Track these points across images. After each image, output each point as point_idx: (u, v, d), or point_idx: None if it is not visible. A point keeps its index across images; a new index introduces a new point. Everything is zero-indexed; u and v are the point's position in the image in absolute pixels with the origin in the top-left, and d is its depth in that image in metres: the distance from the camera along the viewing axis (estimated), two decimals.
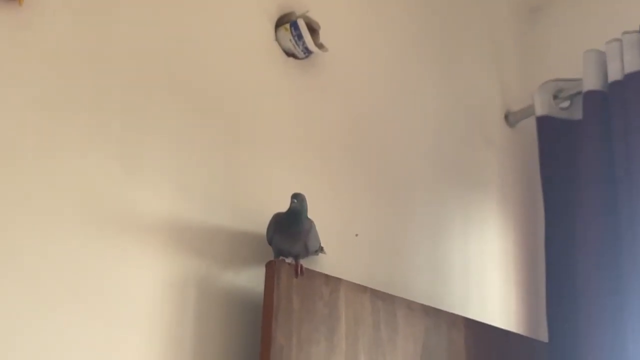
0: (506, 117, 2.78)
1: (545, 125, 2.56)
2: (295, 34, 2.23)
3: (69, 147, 1.87)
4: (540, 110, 2.57)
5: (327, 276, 2.05)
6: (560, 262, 2.44)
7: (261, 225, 2.04)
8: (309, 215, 2.03)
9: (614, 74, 2.39)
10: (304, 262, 2.02)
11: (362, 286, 2.12)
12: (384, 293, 2.16)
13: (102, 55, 1.98)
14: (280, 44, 2.25)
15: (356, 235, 2.29)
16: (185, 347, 1.92)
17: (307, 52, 2.26)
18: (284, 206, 2.00)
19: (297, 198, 1.99)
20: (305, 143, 2.31)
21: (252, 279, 2.04)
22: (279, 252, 1.99)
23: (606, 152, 2.37)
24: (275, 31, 2.27)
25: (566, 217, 2.45)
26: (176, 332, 1.92)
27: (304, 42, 2.23)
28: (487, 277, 2.60)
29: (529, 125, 2.67)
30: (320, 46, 2.26)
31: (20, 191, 1.79)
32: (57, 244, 1.79)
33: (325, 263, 2.15)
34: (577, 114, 2.49)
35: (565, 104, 2.57)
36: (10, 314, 1.71)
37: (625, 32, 2.39)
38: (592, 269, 2.30)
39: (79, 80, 1.92)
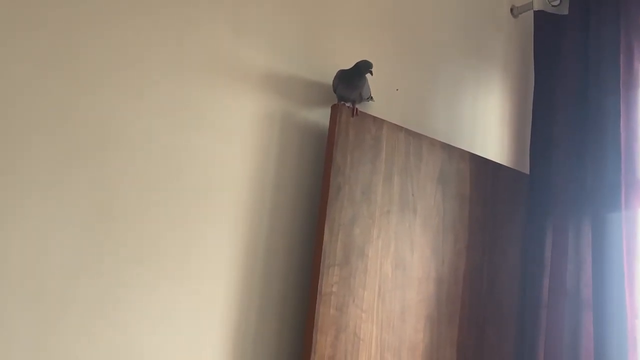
0: (511, 10, 2.94)
1: (540, 17, 2.73)
2: None
3: (196, 18, 2.14)
4: (537, 6, 2.74)
5: (374, 117, 2.26)
6: (543, 116, 2.60)
7: (329, 77, 2.29)
8: None
9: None
10: (359, 107, 2.24)
11: (399, 126, 2.32)
12: (414, 132, 2.35)
13: None
14: None
15: (397, 90, 2.50)
16: (270, 161, 2.18)
17: None
18: (345, 65, 2.25)
19: (367, 62, 2.22)
20: (365, 24, 2.50)
21: (320, 116, 2.28)
22: (341, 98, 2.22)
23: (582, 40, 2.54)
24: None
25: (550, 85, 2.61)
26: (266, 151, 2.18)
27: None
28: (488, 124, 2.75)
29: (529, 17, 2.84)
30: None
31: (161, 46, 2.06)
32: (184, 84, 2.08)
33: (374, 108, 2.35)
34: (565, 11, 2.66)
35: (556, 2, 2.71)
36: (145, 133, 1.97)
37: None
38: (566, 121, 2.48)
39: None
